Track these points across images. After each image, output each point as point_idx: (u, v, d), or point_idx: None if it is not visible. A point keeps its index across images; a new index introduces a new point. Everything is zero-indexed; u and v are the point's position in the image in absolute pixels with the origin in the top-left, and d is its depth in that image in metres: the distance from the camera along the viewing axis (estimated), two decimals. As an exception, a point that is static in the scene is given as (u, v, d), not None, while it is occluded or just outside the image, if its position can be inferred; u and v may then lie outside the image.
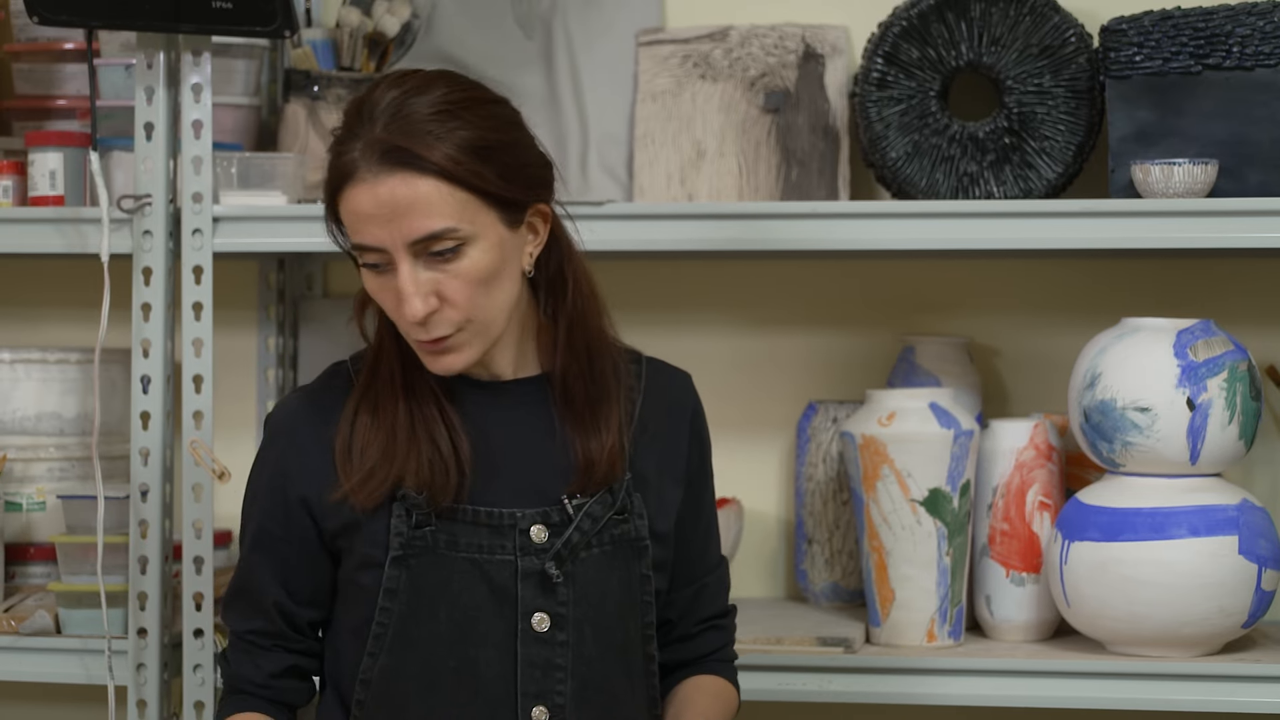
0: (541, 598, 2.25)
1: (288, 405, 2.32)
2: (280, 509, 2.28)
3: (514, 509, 2.25)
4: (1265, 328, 3.08)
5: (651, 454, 2.33)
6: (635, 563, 2.30)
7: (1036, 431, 2.89)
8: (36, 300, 3.34)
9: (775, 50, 3.10)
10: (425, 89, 2.17)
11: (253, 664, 2.32)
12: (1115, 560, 2.75)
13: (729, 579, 2.45)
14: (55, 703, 3.30)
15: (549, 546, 2.25)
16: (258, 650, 2.32)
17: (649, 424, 2.33)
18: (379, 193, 2.15)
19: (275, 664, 2.32)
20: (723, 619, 2.44)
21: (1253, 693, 2.74)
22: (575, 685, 2.26)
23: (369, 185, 2.15)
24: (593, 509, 2.27)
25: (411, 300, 2.16)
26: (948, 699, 2.80)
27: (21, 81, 3.16)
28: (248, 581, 2.32)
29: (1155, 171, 2.77)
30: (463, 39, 3.16)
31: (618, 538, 2.29)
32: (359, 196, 2.16)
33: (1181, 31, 2.84)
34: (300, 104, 3.03)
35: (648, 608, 2.31)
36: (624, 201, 3.06)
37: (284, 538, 2.28)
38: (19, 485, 3.04)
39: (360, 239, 2.17)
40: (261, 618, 2.31)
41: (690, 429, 2.37)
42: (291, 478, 2.27)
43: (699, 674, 2.41)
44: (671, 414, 2.36)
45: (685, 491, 2.36)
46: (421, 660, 2.24)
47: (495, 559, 2.25)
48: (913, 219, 2.80)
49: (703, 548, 2.40)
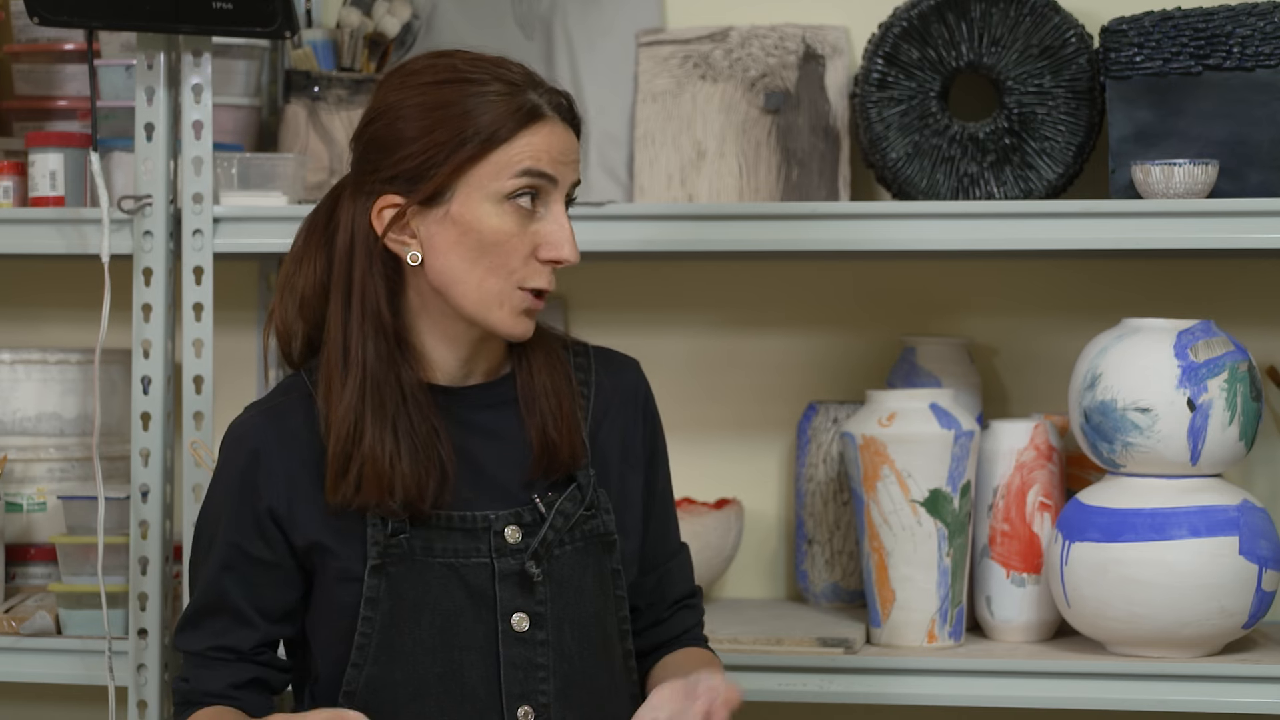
0: (520, 598, 2.25)
1: (249, 421, 2.28)
2: (251, 525, 2.25)
3: (486, 511, 2.26)
4: (1266, 328, 3.08)
5: (611, 445, 2.34)
6: (606, 558, 2.31)
7: (1037, 432, 2.89)
8: (37, 301, 3.33)
9: (775, 51, 3.10)
10: None
11: (212, 675, 2.28)
12: (1116, 561, 2.75)
13: (691, 560, 2.46)
14: (56, 703, 3.30)
15: (524, 546, 2.26)
16: (219, 664, 2.28)
17: (604, 415, 2.35)
18: (562, 136, 2.24)
19: (237, 675, 2.28)
20: (692, 599, 2.45)
21: (1253, 693, 2.74)
22: (558, 684, 2.26)
23: (557, 127, 2.24)
24: (564, 506, 2.28)
25: (573, 239, 2.23)
26: (948, 700, 2.80)
27: (22, 82, 3.16)
28: (216, 600, 2.27)
29: (1155, 172, 2.77)
30: (463, 39, 3.16)
31: (588, 534, 2.30)
32: (552, 133, 2.23)
33: (1182, 32, 2.84)
34: (300, 104, 3.03)
35: (621, 602, 2.32)
36: (624, 202, 3.06)
37: (255, 555, 2.26)
38: (19, 486, 3.04)
39: (538, 165, 2.22)
40: (230, 635, 2.28)
41: (643, 415, 2.38)
42: (260, 493, 2.25)
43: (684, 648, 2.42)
44: (625, 403, 2.37)
45: (643, 478, 2.37)
46: (406, 669, 2.24)
47: (471, 562, 2.25)
48: (913, 220, 2.80)
49: (663, 532, 2.41)
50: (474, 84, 2.22)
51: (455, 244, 2.22)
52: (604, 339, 2.48)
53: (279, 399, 2.29)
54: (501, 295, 2.23)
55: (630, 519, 2.35)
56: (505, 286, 2.23)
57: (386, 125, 2.23)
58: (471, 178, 2.21)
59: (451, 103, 2.21)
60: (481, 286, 2.23)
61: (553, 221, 2.23)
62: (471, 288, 2.23)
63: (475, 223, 2.21)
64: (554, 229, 2.23)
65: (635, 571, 2.36)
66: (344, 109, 3.02)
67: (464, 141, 2.20)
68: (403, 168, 2.22)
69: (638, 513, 2.36)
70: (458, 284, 2.23)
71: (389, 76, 2.28)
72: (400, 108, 2.23)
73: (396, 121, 2.22)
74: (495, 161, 2.21)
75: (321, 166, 3.01)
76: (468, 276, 2.22)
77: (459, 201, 2.21)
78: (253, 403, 2.33)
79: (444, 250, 2.22)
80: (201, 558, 2.30)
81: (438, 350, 2.28)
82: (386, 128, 2.23)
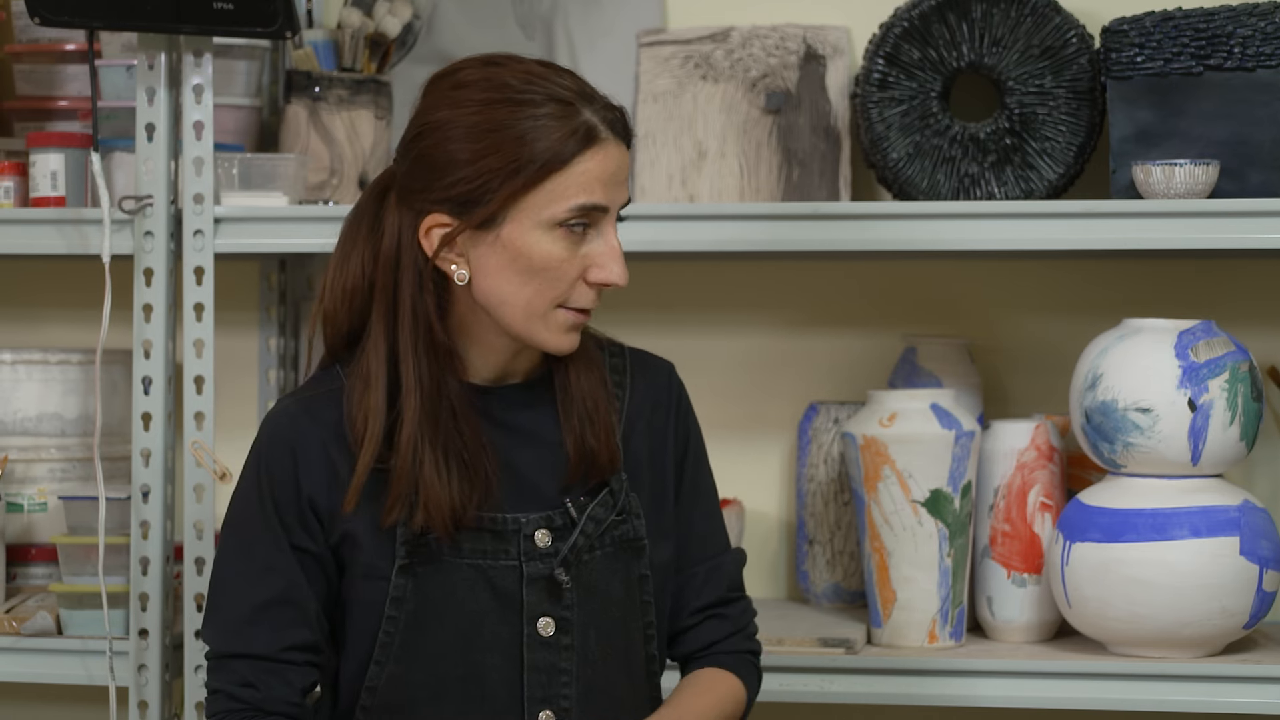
0: (546, 602, 2.24)
1: (286, 412, 2.26)
2: (295, 516, 2.23)
3: (517, 514, 2.25)
4: (1266, 328, 3.08)
5: (643, 448, 2.33)
6: (635, 563, 2.30)
7: (1038, 432, 2.89)
8: (38, 301, 3.34)
9: (776, 51, 3.10)
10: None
11: (286, 684, 2.22)
12: (1116, 561, 2.75)
13: (730, 565, 2.40)
14: (56, 703, 3.30)
15: (553, 551, 2.25)
16: (292, 668, 2.22)
17: (638, 418, 2.34)
18: (616, 156, 2.22)
19: (306, 680, 2.23)
20: (723, 607, 2.39)
21: (1254, 694, 2.74)
22: (580, 689, 2.25)
23: (611, 148, 2.21)
24: (595, 512, 2.27)
25: (622, 261, 2.22)
26: (949, 700, 2.80)
27: (23, 82, 3.16)
28: (281, 592, 2.21)
29: (1156, 172, 2.77)
30: (464, 40, 3.16)
31: (618, 539, 2.28)
32: (606, 157, 2.21)
33: (1183, 32, 2.84)
34: (301, 105, 3.03)
35: (647, 607, 2.31)
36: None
37: (303, 546, 2.23)
38: (20, 486, 3.04)
39: (591, 199, 2.19)
40: (303, 629, 2.22)
41: (677, 418, 2.37)
42: (300, 484, 2.23)
43: (706, 667, 2.38)
44: (658, 406, 2.36)
45: (675, 482, 2.35)
46: (428, 669, 2.23)
47: (499, 565, 2.24)
48: (914, 220, 2.80)
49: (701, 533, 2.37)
50: (528, 105, 2.18)
51: (505, 267, 2.20)
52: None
53: (314, 390, 2.27)
54: (547, 315, 2.22)
55: (662, 523, 2.32)
56: (550, 307, 2.22)
57: (436, 144, 2.19)
58: (524, 204, 2.18)
59: (505, 125, 2.17)
60: (529, 307, 2.21)
61: (603, 244, 2.21)
62: (519, 309, 2.21)
63: (526, 249, 2.19)
64: (604, 251, 2.21)
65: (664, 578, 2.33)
66: (345, 109, 3.02)
67: (519, 169, 2.17)
68: (454, 191, 2.19)
69: (670, 517, 2.34)
70: (505, 304, 2.21)
71: (438, 85, 2.24)
72: (450, 126, 2.19)
73: (447, 142, 2.19)
74: (550, 189, 2.18)
75: (322, 167, 3.01)
76: (515, 298, 2.21)
77: (510, 226, 2.19)
78: (288, 394, 2.31)
79: (493, 272, 2.21)
80: (242, 554, 2.24)
81: (479, 357, 2.27)
82: (436, 146, 2.19)
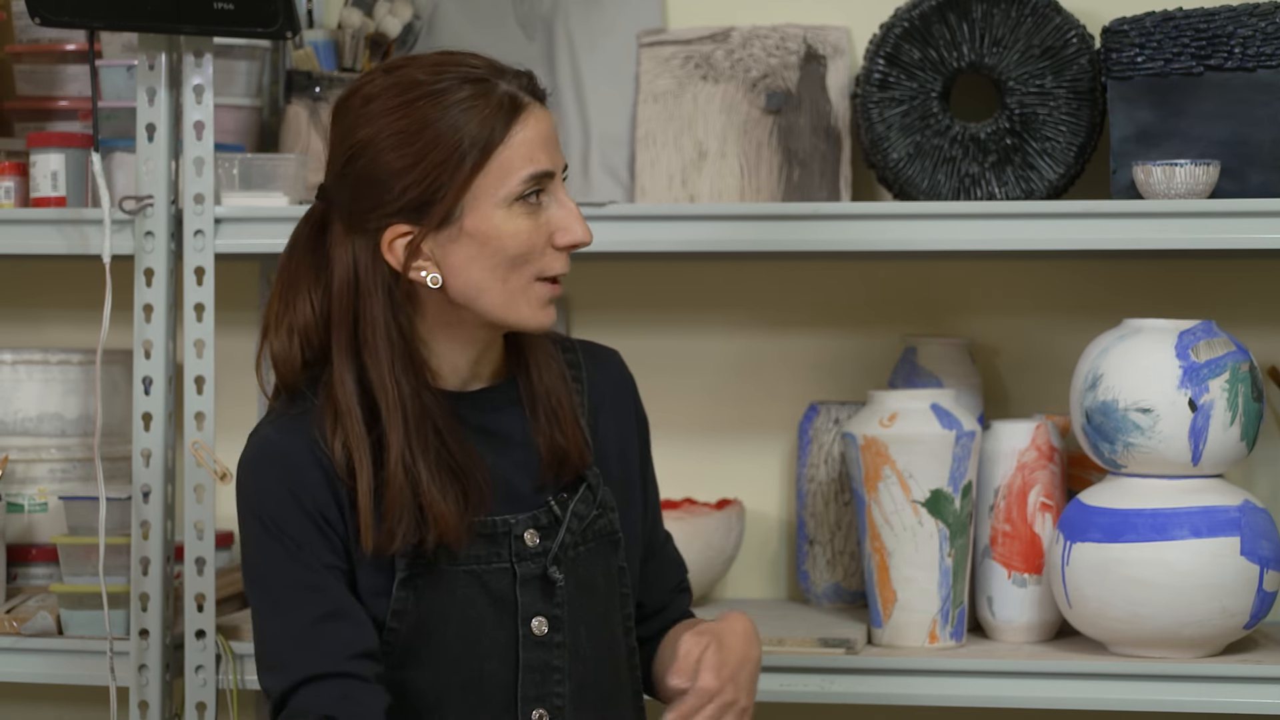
0: (540, 602, 2.25)
1: (268, 436, 2.22)
2: (313, 529, 2.20)
3: (505, 515, 2.26)
4: (1267, 328, 3.08)
5: (609, 439, 2.34)
6: (613, 556, 2.32)
7: (1038, 432, 2.89)
8: (38, 301, 3.33)
9: (777, 51, 3.10)
10: None
11: (363, 704, 2.17)
12: (1117, 561, 2.75)
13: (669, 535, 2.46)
14: (57, 704, 3.30)
15: (543, 550, 2.26)
16: (366, 686, 2.17)
17: (599, 409, 2.35)
18: (544, 119, 2.23)
19: (384, 702, 2.19)
20: (684, 581, 2.47)
21: (1254, 694, 2.74)
22: (573, 686, 2.26)
23: (537, 111, 2.22)
24: (578, 508, 2.28)
25: (583, 219, 2.23)
26: (949, 700, 2.80)
27: (23, 82, 3.16)
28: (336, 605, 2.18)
29: (1157, 172, 2.77)
30: (464, 40, 3.16)
31: (598, 533, 2.30)
32: (537, 121, 2.21)
33: (1183, 32, 2.84)
34: (302, 105, 3.03)
35: (626, 599, 2.33)
36: (626, 202, 3.06)
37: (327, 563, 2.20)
38: (21, 486, 3.04)
39: (538, 166, 2.20)
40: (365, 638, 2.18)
41: (633, 407, 2.39)
42: (302, 497, 2.20)
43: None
44: (616, 396, 2.37)
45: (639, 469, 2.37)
46: (430, 676, 2.23)
47: (493, 568, 2.25)
48: (914, 220, 2.80)
49: (655, 520, 2.42)
50: (445, 93, 2.18)
51: (475, 257, 2.20)
52: (605, 339, 2.48)
53: (289, 410, 2.24)
54: (525, 291, 2.22)
55: (632, 513, 2.35)
56: (527, 282, 2.22)
57: (371, 160, 2.19)
58: (477, 190, 2.19)
59: (432, 120, 2.17)
60: (506, 289, 2.21)
61: (560, 208, 2.23)
62: (498, 292, 2.21)
63: (493, 232, 2.19)
64: (564, 214, 2.22)
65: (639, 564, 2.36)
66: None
67: (462, 157, 2.17)
68: (406, 199, 2.18)
69: (639, 505, 2.37)
70: (485, 292, 2.21)
71: (346, 107, 2.22)
72: (378, 140, 2.18)
73: (380, 155, 2.18)
74: (496, 168, 2.19)
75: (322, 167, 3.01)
76: (491, 284, 2.21)
77: (470, 216, 2.19)
78: (261, 420, 2.27)
79: (464, 265, 2.20)
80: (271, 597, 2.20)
81: (447, 358, 2.26)
82: (372, 163, 2.19)
